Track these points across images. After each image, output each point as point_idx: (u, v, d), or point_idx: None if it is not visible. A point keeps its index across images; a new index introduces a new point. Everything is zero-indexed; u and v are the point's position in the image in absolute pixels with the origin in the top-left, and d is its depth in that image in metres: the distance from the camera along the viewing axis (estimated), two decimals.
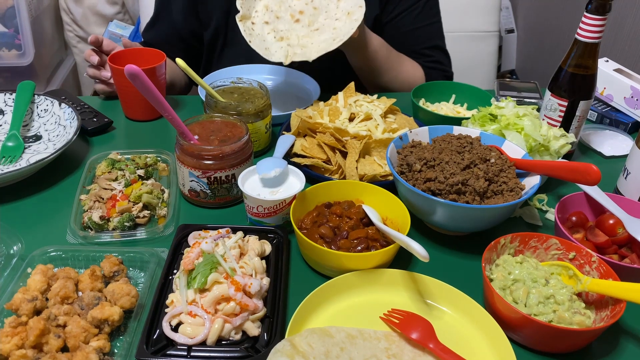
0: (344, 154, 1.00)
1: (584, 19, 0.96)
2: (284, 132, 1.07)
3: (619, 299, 0.70)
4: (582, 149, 1.17)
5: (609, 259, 0.77)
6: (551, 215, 0.95)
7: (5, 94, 1.15)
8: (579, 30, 0.97)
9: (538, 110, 1.07)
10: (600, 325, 0.68)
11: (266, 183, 0.89)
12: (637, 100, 1.20)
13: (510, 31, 2.61)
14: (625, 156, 0.99)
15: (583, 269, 0.77)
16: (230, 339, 0.69)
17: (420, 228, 0.92)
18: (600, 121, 1.26)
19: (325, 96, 1.19)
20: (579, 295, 0.75)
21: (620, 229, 0.84)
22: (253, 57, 1.30)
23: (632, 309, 0.76)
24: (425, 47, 1.42)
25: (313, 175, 0.98)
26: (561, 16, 2.22)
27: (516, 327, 0.71)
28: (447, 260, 0.86)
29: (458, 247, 0.88)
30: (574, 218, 0.89)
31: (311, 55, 1.05)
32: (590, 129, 1.22)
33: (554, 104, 1.04)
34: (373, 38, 1.27)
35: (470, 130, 0.96)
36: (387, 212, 0.87)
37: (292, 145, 1.02)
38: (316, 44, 1.09)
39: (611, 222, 0.85)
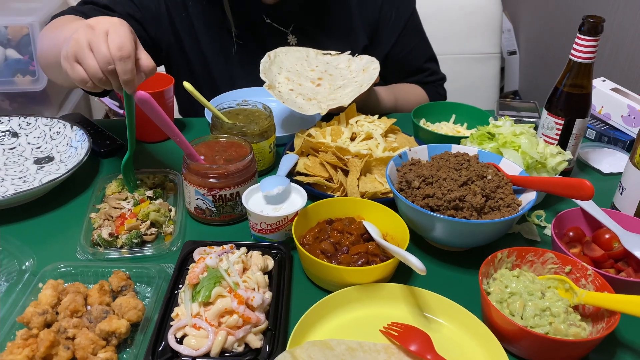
0: (346, 172, 1.03)
1: (577, 40, 0.99)
2: (287, 152, 1.10)
3: (613, 311, 0.71)
4: (580, 167, 1.19)
5: (605, 273, 0.78)
6: (549, 230, 0.97)
7: (19, 118, 1.19)
8: (573, 51, 1.00)
9: (535, 129, 1.09)
10: (595, 337, 0.70)
11: (269, 200, 0.92)
12: (634, 118, 1.22)
13: (513, 53, 2.66)
14: None
15: (579, 282, 0.79)
16: (233, 350, 0.70)
17: (419, 244, 0.94)
18: (599, 139, 1.28)
19: (327, 117, 1.22)
20: (575, 308, 0.76)
21: (616, 243, 0.86)
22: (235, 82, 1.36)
23: (628, 321, 0.77)
24: (423, 62, 1.50)
25: (316, 193, 1.01)
26: (562, 37, 2.26)
27: (513, 339, 0.72)
28: (445, 275, 0.88)
29: (456, 262, 0.90)
30: (571, 233, 0.90)
31: (344, 101, 1.13)
32: (589, 147, 1.24)
33: (550, 123, 1.06)
34: (380, 92, 1.36)
35: (468, 148, 0.98)
36: (387, 228, 0.90)
37: (296, 164, 1.05)
38: (344, 95, 1.16)
39: (607, 236, 0.87)
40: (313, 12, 1.36)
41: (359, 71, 1.23)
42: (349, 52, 1.29)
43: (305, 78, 1.22)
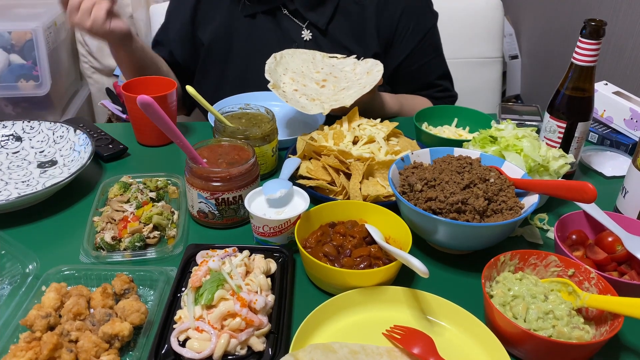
0: (348, 176, 1.03)
1: (579, 44, 0.99)
2: (290, 155, 1.11)
3: (617, 314, 0.71)
4: (583, 170, 1.19)
5: (608, 276, 0.78)
6: (552, 234, 0.97)
7: (23, 122, 1.20)
8: (574, 55, 1.01)
9: (538, 132, 1.09)
10: (598, 340, 0.69)
11: (272, 203, 0.92)
12: (636, 121, 1.22)
13: (514, 57, 2.66)
14: None
15: (582, 285, 0.79)
16: (236, 353, 0.70)
17: (422, 247, 0.94)
18: (601, 143, 1.28)
19: (330, 121, 1.23)
20: (578, 311, 0.76)
21: (619, 246, 0.86)
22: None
23: (632, 324, 0.77)
24: (435, 77, 1.50)
25: (318, 197, 1.01)
26: (564, 42, 2.26)
27: (516, 343, 0.72)
28: (448, 278, 0.88)
29: (459, 265, 0.90)
30: (574, 236, 0.90)
31: (346, 102, 1.13)
32: (592, 150, 1.24)
33: (552, 126, 1.06)
34: (385, 97, 1.37)
35: (471, 151, 0.99)
36: (389, 231, 0.90)
37: (298, 168, 1.05)
38: (347, 96, 1.17)
39: (610, 239, 0.87)
40: (329, 11, 1.38)
41: (363, 74, 1.24)
42: (355, 56, 1.30)
43: (310, 79, 1.23)
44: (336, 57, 1.31)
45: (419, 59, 1.45)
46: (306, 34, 1.39)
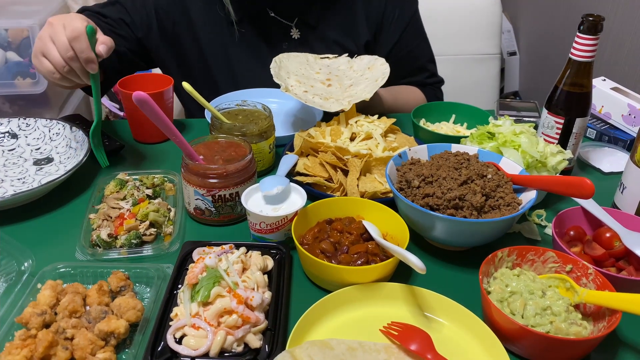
0: (345, 172, 1.03)
1: (577, 39, 0.99)
2: (287, 152, 1.10)
3: (615, 310, 0.71)
4: (581, 166, 1.18)
5: (606, 271, 0.78)
6: (550, 230, 0.97)
7: (19, 119, 1.19)
8: (572, 50, 1.00)
9: (536, 128, 1.09)
10: (596, 335, 0.69)
11: (269, 200, 0.91)
12: (634, 117, 1.22)
13: (513, 54, 2.66)
14: None
15: (580, 281, 0.79)
16: (233, 350, 0.70)
17: (419, 243, 0.94)
18: (599, 138, 1.27)
19: (327, 118, 1.22)
20: (576, 307, 0.76)
21: (616, 241, 0.85)
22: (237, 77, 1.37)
23: (629, 320, 0.77)
24: (423, 62, 1.51)
25: (315, 193, 1.00)
26: (562, 38, 2.26)
27: (514, 339, 0.72)
28: (446, 274, 0.88)
29: (457, 262, 0.90)
30: (571, 232, 0.90)
31: (365, 95, 1.13)
32: (590, 146, 1.24)
33: (550, 122, 1.06)
34: (382, 92, 1.37)
35: (468, 147, 0.98)
36: (387, 228, 0.89)
37: (295, 165, 1.05)
38: (361, 90, 1.16)
39: (608, 235, 0.86)
40: (317, 6, 1.37)
41: (364, 69, 1.24)
42: (347, 54, 1.30)
43: (314, 80, 1.23)
44: (328, 57, 1.31)
45: (407, 44, 1.45)
46: (295, 32, 1.37)
